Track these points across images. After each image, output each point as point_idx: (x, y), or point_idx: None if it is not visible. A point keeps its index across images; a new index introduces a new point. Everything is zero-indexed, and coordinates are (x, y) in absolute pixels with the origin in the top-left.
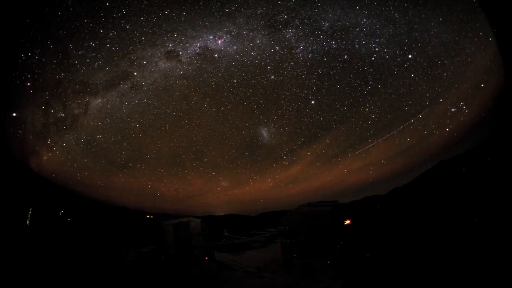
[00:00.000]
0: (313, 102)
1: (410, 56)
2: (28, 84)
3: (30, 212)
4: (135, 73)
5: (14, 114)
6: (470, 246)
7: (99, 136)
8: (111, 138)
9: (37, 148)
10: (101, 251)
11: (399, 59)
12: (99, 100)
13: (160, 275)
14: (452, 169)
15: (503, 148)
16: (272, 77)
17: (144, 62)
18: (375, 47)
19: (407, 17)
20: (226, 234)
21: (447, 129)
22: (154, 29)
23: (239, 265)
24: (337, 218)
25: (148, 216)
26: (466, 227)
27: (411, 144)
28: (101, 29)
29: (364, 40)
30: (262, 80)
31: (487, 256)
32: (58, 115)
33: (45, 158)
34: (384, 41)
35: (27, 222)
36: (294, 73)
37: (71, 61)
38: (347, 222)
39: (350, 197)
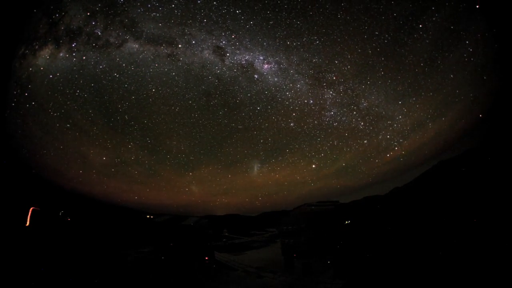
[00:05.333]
0: (314, 166)
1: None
2: None
3: (30, 212)
4: (179, 45)
5: None
6: (470, 246)
7: (116, 74)
8: (125, 84)
9: (60, 41)
10: (101, 251)
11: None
12: (136, 46)
13: (160, 275)
14: (452, 169)
15: (503, 148)
16: (291, 124)
17: (193, 42)
18: (395, 146)
19: (438, 131)
20: (226, 234)
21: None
22: (219, 19)
23: (239, 265)
24: (337, 218)
25: (148, 216)
26: (466, 227)
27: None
28: None
29: (389, 135)
30: (281, 122)
31: (487, 256)
32: (95, 31)
33: (60, 55)
34: (408, 144)
35: (27, 223)
36: (313, 132)
37: None
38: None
39: (350, 197)
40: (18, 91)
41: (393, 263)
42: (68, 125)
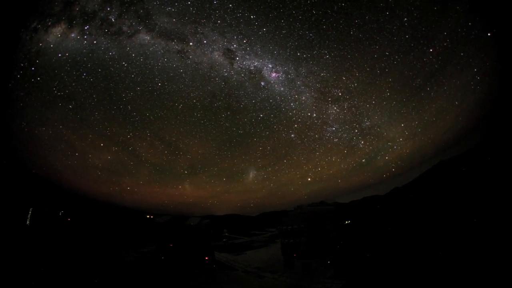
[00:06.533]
0: (309, 179)
1: None
2: None
3: (30, 212)
4: (190, 43)
5: None
6: (470, 246)
7: (125, 63)
8: (132, 75)
9: (74, 21)
10: (101, 251)
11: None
12: (148, 38)
13: (160, 275)
14: (452, 169)
15: (503, 148)
16: (292, 135)
17: (205, 41)
18: (393, 168)
19: (438, 157)
20: (226, 234)
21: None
22: (232, 22)
23: (239, 265)
24: (337, 218)
25: (148, 216)
26: (466, 227)
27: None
28: None
29: (387, 156)
30: (282, 132)
31: (487, 256)
32: (109, 17)
33: (71, 35)
34: (406, 167)
35: (27, 222)
36: (312, 145)
37: None
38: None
39: (350, 197)
40: (26, 64)
41: (393, 263)
42: (70, 106)
